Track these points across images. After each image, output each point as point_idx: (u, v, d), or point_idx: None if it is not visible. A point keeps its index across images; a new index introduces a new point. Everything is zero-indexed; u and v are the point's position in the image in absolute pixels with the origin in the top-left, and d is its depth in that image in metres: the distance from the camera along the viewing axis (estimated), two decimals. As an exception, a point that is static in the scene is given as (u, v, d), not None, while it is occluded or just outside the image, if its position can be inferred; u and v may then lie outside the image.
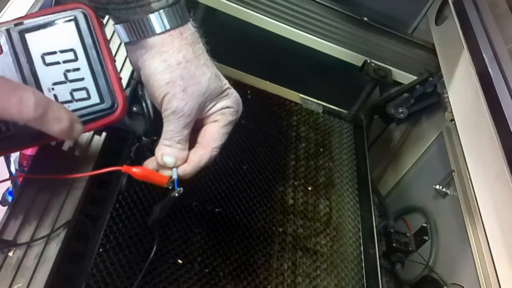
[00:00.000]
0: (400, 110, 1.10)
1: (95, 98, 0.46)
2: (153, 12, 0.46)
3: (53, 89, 0.45)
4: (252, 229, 0.78)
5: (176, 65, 0.47)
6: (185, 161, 0.50)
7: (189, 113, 0.47)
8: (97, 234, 0.64)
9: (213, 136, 0.51)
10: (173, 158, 0.49)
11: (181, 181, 0.50)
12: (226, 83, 0.51)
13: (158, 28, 0.46)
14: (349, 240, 0.86)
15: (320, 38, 1.06)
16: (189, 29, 0.48)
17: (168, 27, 0.46)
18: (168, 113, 0.48)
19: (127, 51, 0.50)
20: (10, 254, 0.54)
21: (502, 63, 0.80)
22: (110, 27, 0.52)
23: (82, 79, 0.46)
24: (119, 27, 0.48)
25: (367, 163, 1.02)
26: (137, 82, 0.54)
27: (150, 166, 0.51)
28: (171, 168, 0.50)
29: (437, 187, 0.97)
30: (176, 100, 0.47)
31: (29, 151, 0.67)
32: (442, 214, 0.97)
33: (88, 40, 0.46)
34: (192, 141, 0.51)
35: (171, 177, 0.50)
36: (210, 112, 0.50)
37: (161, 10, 0.46)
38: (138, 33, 0.46)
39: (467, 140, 0.86)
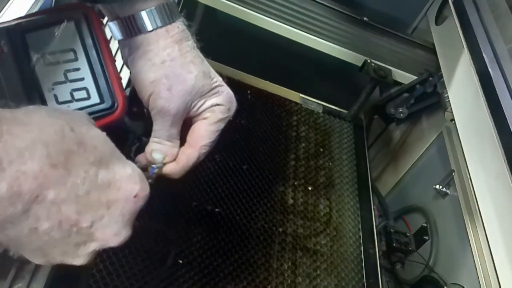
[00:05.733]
0: (400, 110, 1.10)
1: (95, 98, 0.46)
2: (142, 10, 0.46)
3: (53, 89, 0.45)
4: (252, 229, 0.78)
5: (160, 64, 0.46)
6: (175, 158, 0.50)
7: (175, 112, 0.47)
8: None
9: (201, 134, 0.50)
10: (161, 154, 0.49)
11: (171, 180, 0.50)
12: (216, 81, 0.50)
13: (145, 27, 0.46)
14: (349, 240, 0.86)
15: (320, 38, 1.06)
16: (177, 27, 0.47)
17: (154, 26, 0.46)
18: (154, 112, 0.48)
19: (120, 50, 0.50)
20: (10, 254, 0.54)
21: (502, 63, 0.80)
22: (110, 27, 0.52)
23: (82, 79, 0.46)
24: (112, 24, 0.48)
25: (367, 163, 1.02)
26: (137, 82, 0.54)
27: (142, 162, 0.51)
28: (161, 165, 0.50)
29: (437, 187, 0.97)
30: (161, 100, 0.47)
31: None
32: (442, 214, 0.97)
33: (88, 40, 0.46)
34: (183, 139, 0.51)
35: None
36: (200, 110, 0.50)
37: (149, 9, 0.46)
38: (129, 30, 0.47)
39: (467, 140, 0.85)
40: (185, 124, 0.50)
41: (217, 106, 0.50)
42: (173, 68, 0.46)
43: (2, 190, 0.30)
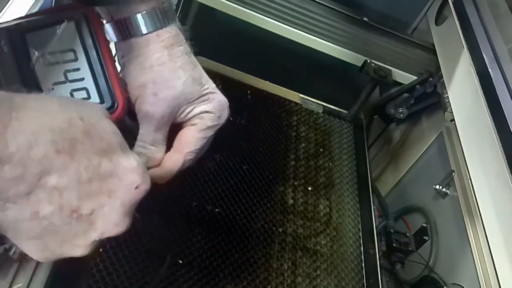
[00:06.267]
0: (400, 110, 1.10)
1: (95, 98, 0.46)
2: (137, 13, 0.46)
3: (53, 89, 0.45)
4: (252, 229, 0.78)
5: (148, 68, 0.46)
6: (159, 163, 0.50)
7: (159, 117, 0.47)
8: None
9: (188, 140, 0.50)
10: (144, 158, 0.48)
11: (156, 185, 0.50)
12: (207, 88, 0.50)
13: (136, 30, 0.46)
14: (349, 240, 0.86)
15: (320, 38, 1.06)
16: (169, 32, 0.47)
17: (145, 30, 0.46)
18: (140, 116, 0.48)
19: (116, 51, 0.50)
20: (11, 253, 0.54)
21: (502, 63, 0.80)
22: (110, 27, 0.52)
23: (82, 79, 0.46)
24: (108, 26, 0.48)
25: (367, 163, 1.02)
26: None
27: None
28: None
29: (437, 187, 0.97)
30: (147, 104, 0.47)
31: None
32: (442, 214, 0.97)
33: (88, 40, 0.46)
34: (171, 144, 0.51)
35: None
36: (188, 116, 0.49)
37: (140, 13, 0.46)
38: (122, 33, 0.47)
39: (467, 140, 0.85)
40: (174, 129, 0.50)
41: (206, 113, 0.49)
42: (160, 73, 0.46)
43: (6, 172, 0.31)
